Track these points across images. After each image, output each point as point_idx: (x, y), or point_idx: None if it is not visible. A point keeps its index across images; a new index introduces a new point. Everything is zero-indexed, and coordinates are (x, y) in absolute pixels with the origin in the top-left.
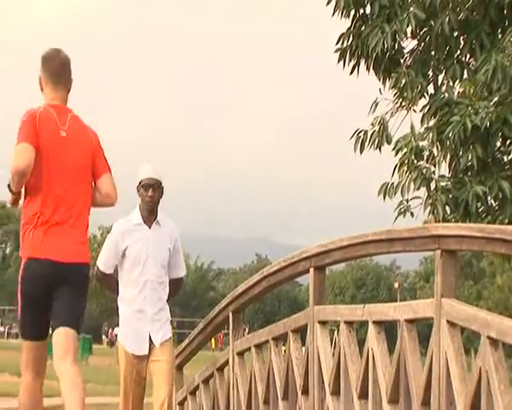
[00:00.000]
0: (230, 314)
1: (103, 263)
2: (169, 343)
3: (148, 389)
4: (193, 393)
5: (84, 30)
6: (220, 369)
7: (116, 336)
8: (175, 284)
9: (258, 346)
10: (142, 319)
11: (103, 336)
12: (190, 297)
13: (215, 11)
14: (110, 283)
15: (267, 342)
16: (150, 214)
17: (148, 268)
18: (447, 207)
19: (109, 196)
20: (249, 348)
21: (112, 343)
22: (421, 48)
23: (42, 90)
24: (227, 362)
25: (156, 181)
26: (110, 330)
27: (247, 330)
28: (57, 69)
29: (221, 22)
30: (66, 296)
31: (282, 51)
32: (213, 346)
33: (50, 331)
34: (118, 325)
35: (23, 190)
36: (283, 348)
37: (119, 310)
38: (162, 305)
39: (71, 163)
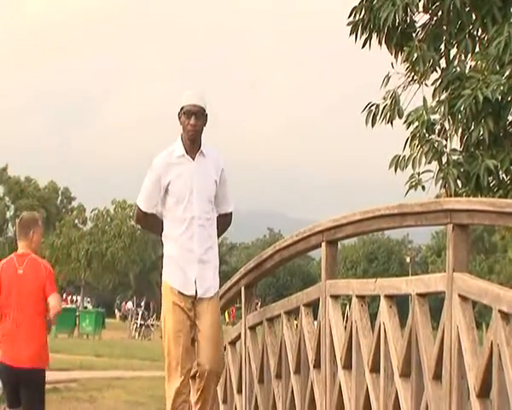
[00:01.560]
0: (243, 288)
1: (144, 202)
2: (214, 301)
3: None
4: None
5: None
6: (232, 343)
7: (129, 309)
8: (223, 221)
9: (271, 320)
10: (188, 258)
11: (116, 311)
12: None
13: None
14: (153, 223)
15: (279, 316)
16: (193, 144)
17: (193, 204)
18: (458, 181)
19: (54, 307)
20: (261, 322)
21: (125, 317)
22: (433, 22)
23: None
24: (239, 336)
25: (199, 108)
26: (123, 304)
27: (259, 304)
28: (18, 231)
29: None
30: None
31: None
32: (226, 320)
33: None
34: (130, 299)
35: None
36: (295, 322)
37: (163, 247)
38: (211, 243)
39: (26, 290)
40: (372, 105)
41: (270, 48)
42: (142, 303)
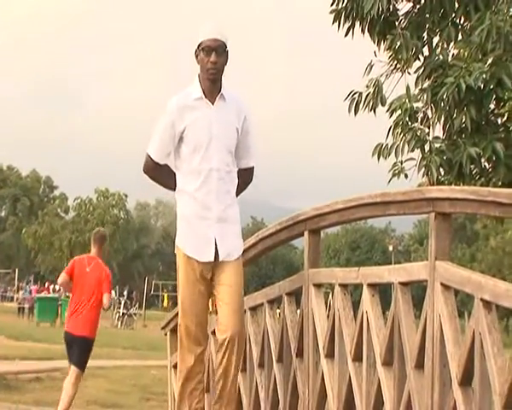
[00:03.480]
0: None
1: (156, 150)
2: (237, 265)
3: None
4: None
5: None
6: (215, 332)
7: (112, 299)
8: (243, 177)
9: (253, 309)
10: (206, 217)
11: None
12: None
13: None
14: (164, 176)
15: (262, 305)
16: (213, 86)
17: (211, 154)
18: (441, 169)
19: (104, 304)
20: (244, 311)
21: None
22: (416, 10)
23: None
24: None
25: (221, 43)
26: None
27: None
28: (93, 240)
29: None
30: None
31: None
32: (210, 309)
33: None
34: (113, 289)
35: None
36: (278, 311)
37: (177, 205)
38: (231, 200)
39: (88, 284)
40: (355, 93)
41: (257, 40)
42: (125, 292)
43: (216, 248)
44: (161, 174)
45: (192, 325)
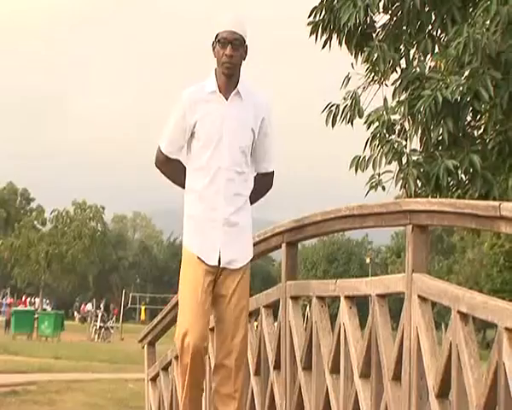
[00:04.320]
0: None
1: (166, 143)
2: (241, 276)
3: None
4: (165, 369)
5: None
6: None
7: (88, 311)
8: (262, 182)
9: None
10: (212, 219)
11: (75, 313)
12: (163, 273)
13: None
14: (175, 172)
15: None
16: (229, 81)
17: (221, 151)
18: (418, 182)
19: None
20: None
21: (84, 319)
22: (393, 22)
23: None
24: None
25: (239, 36)
26: (82, 306)
27: None
28: None
29: None
30: None
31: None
32: None
33: None
34: (89, 301)
35: None
36: (255, 323)
37: (184, 205)
38: (241, 203)
39: None
40: (332, 105)
41: None
42: (102, 305)
43: (219, 254)
44: (172, 169)
45: (192, 328)
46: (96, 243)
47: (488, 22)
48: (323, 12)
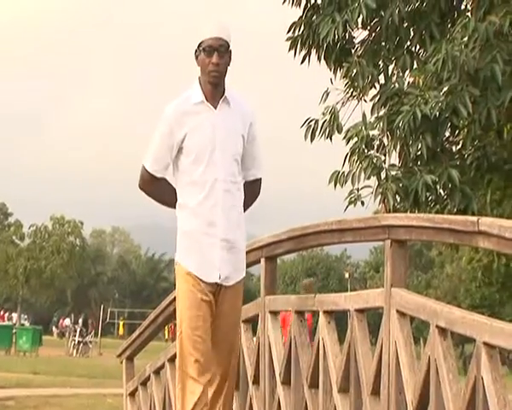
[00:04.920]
0: None
1: (152, 162)
2: (238, 291)
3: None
4: (144, 384)
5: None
6: (171, 360)
7: (66, 326)
8: (251, 190)
9: None
10: (210, 234)
11: (53, 328)
12: (141, 288)
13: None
14: (163, 191)
15: None
16: (215, 89)
17: (216, 163)
18: (397, 197)
19: None
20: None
21: (62, 334)
22: (371, 38)
23: None
24: None
25: (224, 42)
26: (61, 321)
27: None
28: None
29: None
30: None
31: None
32: (166, 336)
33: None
34: (68, 316)
35: None
36: None
37: (177, 221)
38: (238, 215)
39: None
40: (311, 120)
41: None
42: (80, 320)
43: (219, 271)
44: (159, 189)
45: (197, 350)
46: (74, 258)
47: (466, 39)
48: (302, 27)
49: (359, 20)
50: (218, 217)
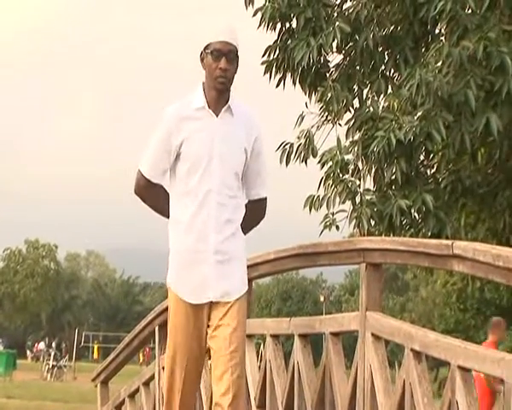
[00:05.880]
0: (157, 328)
1: (149, 166)
2: (236, 309)
3: None
4: (118, 407)
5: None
6: (146, 383)
7: (41, 350)
8: (255, 209)
9: None
10: (201, 251)
11: (28, 352)
12: (116, 311)
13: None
14: (158, 199)
15: None
16: (220, 96)
17: (212, 173)
18: (372, 221)
19: None
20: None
21: (37, 358)
22: (346, 62)
23: None
24: (153, 376)
25: (233, 48)
26: (35, 345)
27: None
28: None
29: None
30: None
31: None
32: (141, 360)
33: None
34: (42, 340)
35: None
36: (209, 362)
37: (169, 238)
38: (233, 230)
39: None
40: (286, 144)
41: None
42: (54, 344)
43: (211, 288)
44: (154, 196)
45: (180, 380)
46: (48, 282)
47: (440, 64)
48: (278, 51)
49: (334, 44)
50: (210, 231)
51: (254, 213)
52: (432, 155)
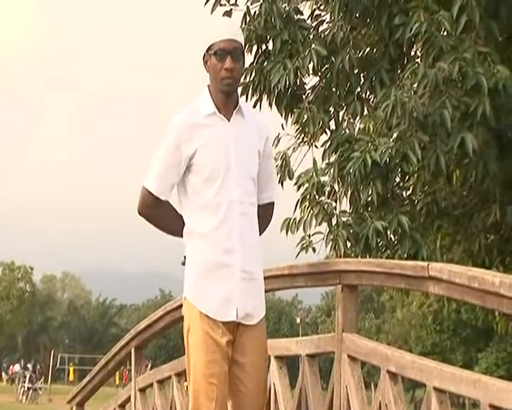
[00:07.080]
0: (133, 350)
1: (156, 182)
2: (260, 330)
3: None
4: None
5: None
6: (122, 405)
7: (16, 372)
8: (264, 214)
9: (161, 382)
10: (227, 265)
11: (3, 374)
12: (92, 333)
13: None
14: (167, 216)
15: (170, 377)
16: (228, 99)
17: (231, 182)
18: (348, 243)
19: None
20: (152, 384)
21: (12, 380)
22: (322, 84)
23: None
24: (129, 398)
25: (239, 45)
26: (10, 367)
27: (149, 365)
28: None
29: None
30: None
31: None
32: (117, 382)
33: None
34: (17, 362)
35: None
36: (186, 383)
37: (186, 253)
38: (256, 242)
39: None
40: None
41: (165, 110)
42: (30, 366)
43: (236, 307)
44: (162, 214)
45: (211, 401)
46: (24, 304)
47: (416, 85)
48: (254, 73)
49: (310, 66)
50: (235, 244)
51: (264, 218)
52: (407, 177)
